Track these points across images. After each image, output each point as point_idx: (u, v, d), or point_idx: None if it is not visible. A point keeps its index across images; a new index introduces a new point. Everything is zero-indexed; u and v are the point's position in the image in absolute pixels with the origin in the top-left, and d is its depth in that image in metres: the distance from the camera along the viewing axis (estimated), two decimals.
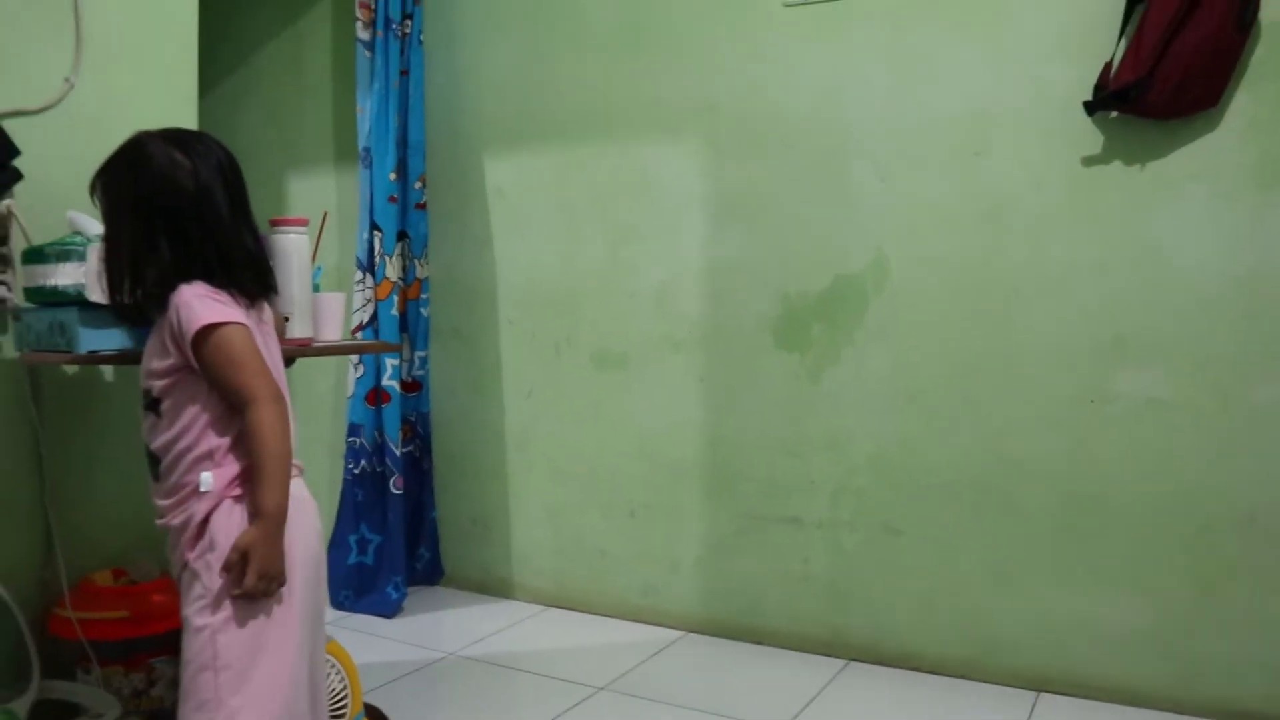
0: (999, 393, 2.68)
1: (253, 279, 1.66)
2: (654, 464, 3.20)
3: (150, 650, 2.20)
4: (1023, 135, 2.63)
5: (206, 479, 1.56)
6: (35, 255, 2.03)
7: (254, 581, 1.52)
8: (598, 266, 3.27)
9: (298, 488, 1.65)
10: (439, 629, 3.23)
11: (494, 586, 3.55)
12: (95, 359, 1.93)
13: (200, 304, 1.55)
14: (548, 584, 3.44)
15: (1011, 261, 2.65)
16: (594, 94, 3.26)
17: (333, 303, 2.17)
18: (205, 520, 1.57)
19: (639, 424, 3.22)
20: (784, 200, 2.95)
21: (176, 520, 1.59)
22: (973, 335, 2.71)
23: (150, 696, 2.21)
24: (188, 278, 1.58)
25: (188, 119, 2.55)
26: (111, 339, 1.93)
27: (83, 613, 2.15)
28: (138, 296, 1.62)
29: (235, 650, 1.55)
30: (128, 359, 1.90)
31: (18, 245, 2.16)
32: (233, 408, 1.58)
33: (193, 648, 1.56)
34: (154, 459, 1.64)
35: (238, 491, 1.58)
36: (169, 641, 2.22)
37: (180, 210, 1.58)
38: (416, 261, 3.46)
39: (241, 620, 1.55)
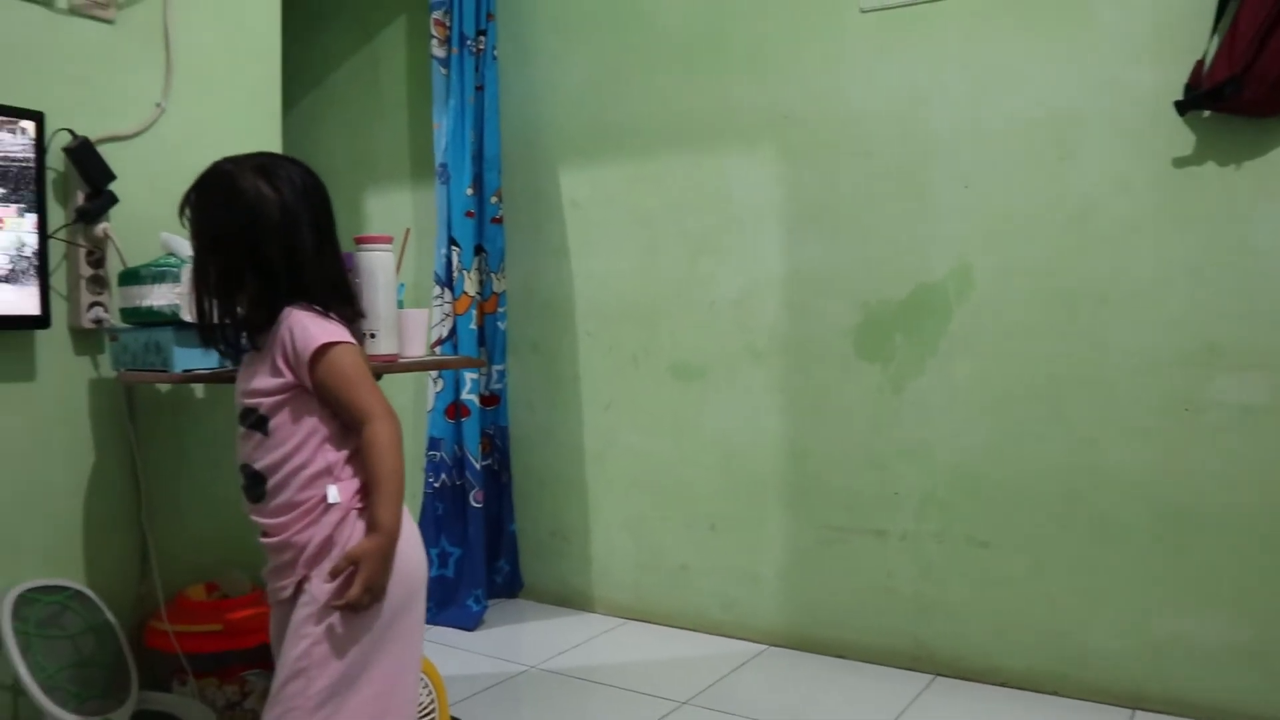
0: (1087, 402, 2.62)
1: (340, 305, 1.66)
2: (734, 476, 3.18)
3: (243, 663, 2.23)
4: (1108, 138, 2.57)
5: (334, 492, 1.58)
6: (131, 277, 2.08)
7: (358, 593, 1.52)
8: (675, 277, 3.26)
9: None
10: (519, 642, 3.24)
11: (573, 599, 3.55)
12: (190, 378, 1.97)
13: (314, 324, 1.57)
14: (627, 597, 3.43)
15: (1099, 267, 2.59)
16: (668, 105, 3.26)
17: (417, 319, 2.19)
18: (330, 534, 1.58)
19: (719, 436, 3.20)
20: (863, 209, 2.92)
21: (298, 536, 1.58)
22: (1060, 343, 2.65)
23: (243, 709, 2.24)
24: (283, 302, 1.60)
25: (272, 138, 2.60)
26: (206, 358, 1.97)
27: (178, 626, 2.19)
28: (224, 323, 1.64)
29: (333, 663, 1.55)
30: (222, 378, 1.93)
31: (114, 267, 2.21)
32: (346, 424, 1.60)
33: (291, 654, 1.57)
34: (256, 478, 1.63)
35: (359, 504, 1.60)
36: (261, 655, 2.25)
37: (267, 243, 1.59)
38: (493, 276, 3.48)
39: (346, 632, 1.56)
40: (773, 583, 3.13)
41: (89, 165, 2.13)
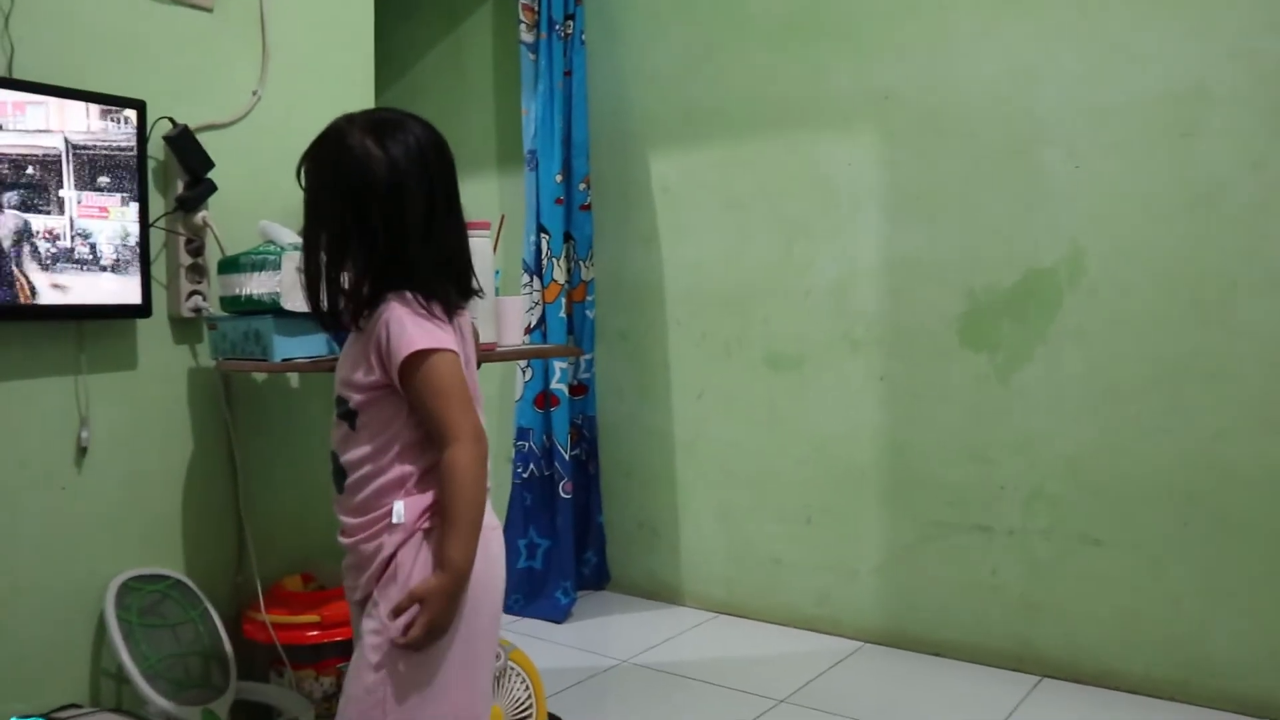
0: (1212, 394, 2.49)
1: (454, 284, 1.53)
2: (831, 468, 3.09)
3: (340, 655, 2.21)
4: (1237, 113, 2.43)
5: (399, 510, 1.46)
6: (230, 265, 2.06)
7: (420, 634, 1.41)
8: (769, 264, 3.18)
9: (486, 514, 1.53)
10: (608, 635, 3.19)
11: (662, 592, 3.50)
12: (290, 367, 1.94)
13: (414, 324, 1.43)
14: (718, 591, 3.37)
15: (1227, 251, 2.45)
16: (761, 86, 3.17)
17: (514, 306, 2.14)
18: (394, 554, 1.46)
19: (815, 427, 3.12)
20: (968, 192, 2.81)
21: (367, 546, 1.48)
22: (1182, 332, 2.52)
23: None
24: (389, 282, 1.47)
25: None
26: (305, 347, 1.94)
27: (276, 617, 2.17)
28: (335, 301, 1.50)
29: (406, 698, 1.45)
30: (321, 367, 1.90)
31: (213, 256, 2.20)
32: (432, 436, 1.48)
33: (360, 682, 1.47)
34: (341, 470, 1.53)
35: (428, 524, 1.47)
36: None
37: (372, 207, 1.44)
38: (581, 263, 3.43)
39: (410, 668, 1.45)
40: (870, 578, 3.04)
41: (188, 153, 2.12)
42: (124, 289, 2.01)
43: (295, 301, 1.90)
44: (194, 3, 2.21)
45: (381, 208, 1.45)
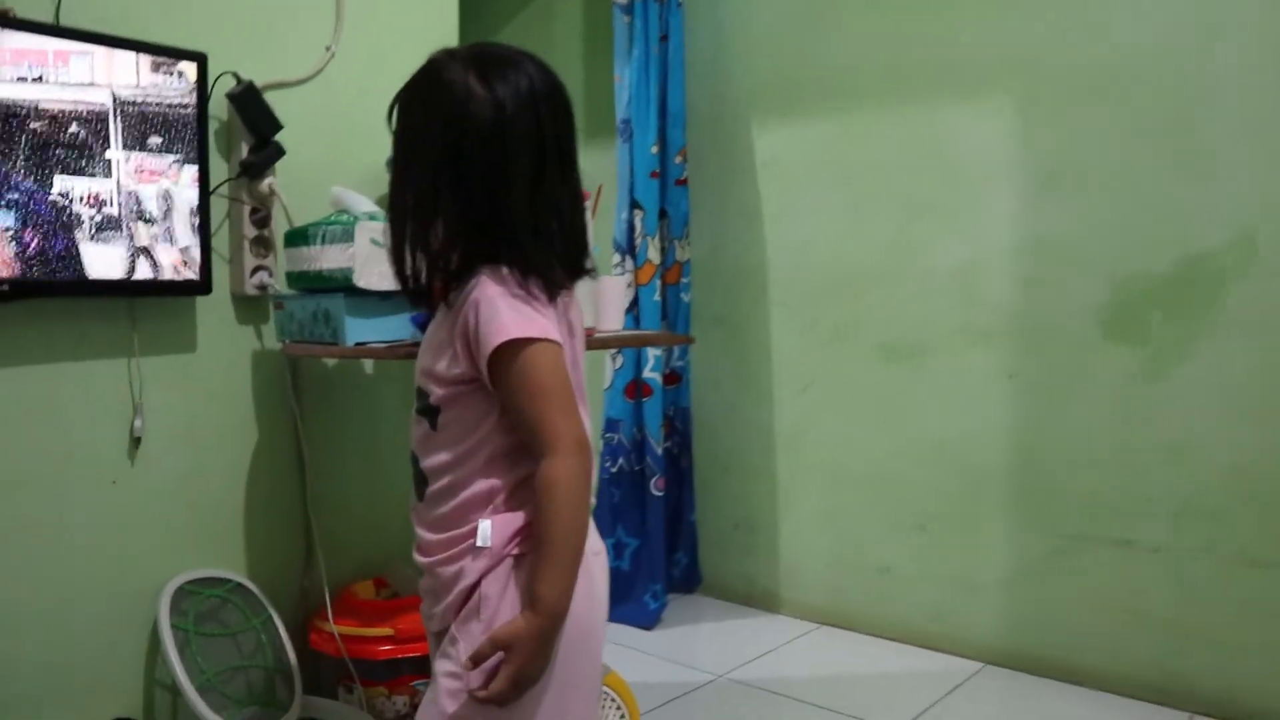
0: None
1: (565, 257, 1.27)
2: (950, 471, 2.80)
3: (414, 672, 2.00)
4: None
5: (485, 531, 1.22)
6: (298, 237, 1.85)
7: (504, 689, 1.16)
8: (885, 245, 2.89)
9: (589, 536, 1.25)
10: (702, 645, 2.95)
11: (757, 598, 3.24)
12: (364, 352, 1.72)
13: (507, 307, 1.17)
14: (820, 600, 3.10)
15: None
16: (879, 49, 2.87)
17: (615, 287, 1.91)
18: (477, 582, 1.22)
19: (933, 425, 2.83)
20: (1118, 166, 2.49)
21: (445, 570, 1.25)
22: None
23: None
24: (483, 250, 1.21)
25: None
26: (381, 329, 1.72)
27: (345, 627, 1.96)
28: (421, 270, 1.25)
29: None
30: (399, 353, 1.67)
31: (279, 227, 1.99)
32: (526, 443, 1.22)
33: None
34: (422, 476, 1.29)
35: (519, 550, 1.22)
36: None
37: (470, 156, 1.19)
38: (676, 243, 3.18)
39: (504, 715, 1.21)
40: (992, 593, 2.75)
41: (254, 113, 1.91)
42: (181, 263, 1.81)
43: (371, 278, 1.68)
44: None
45: (481, 157, 1.19)
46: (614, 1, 3.13)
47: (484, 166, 1.19)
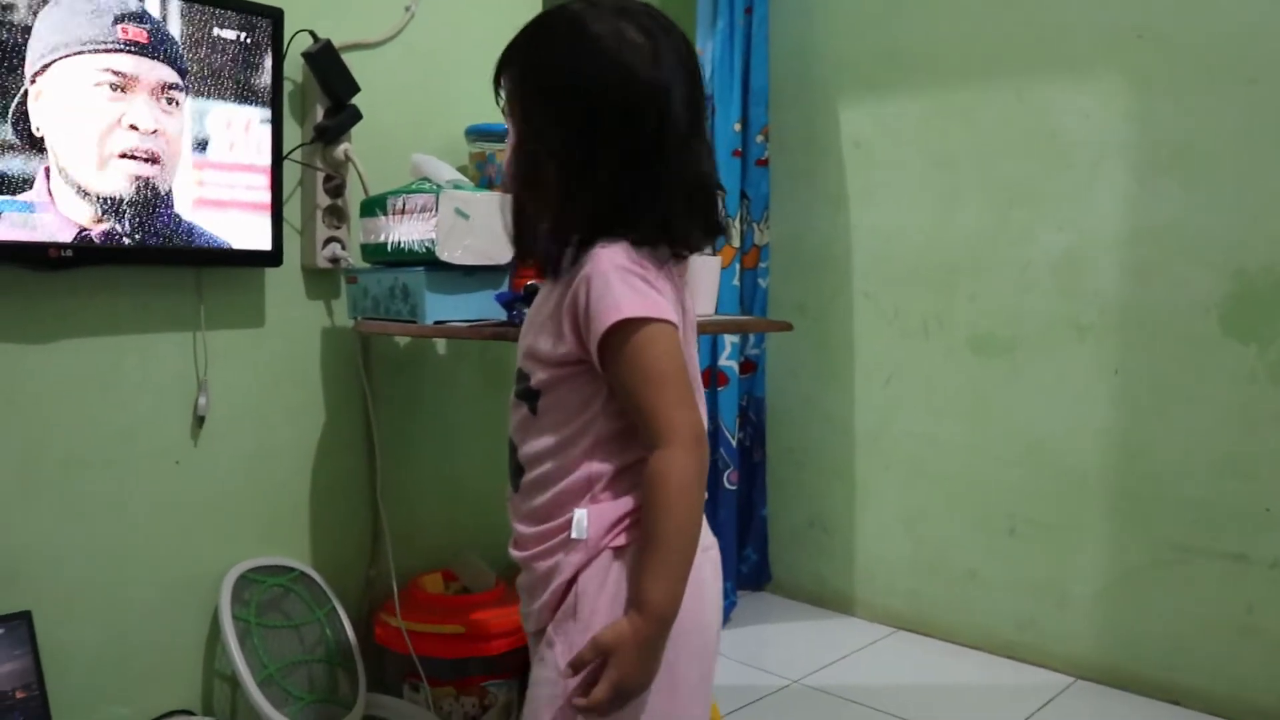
0: None
1: (700, 220, 1.15)
2: (1045, 473, 2.64)
3: (484, 672, 1.89)
4: None
5: (580, 522, 1.11)
6: (376, 205, 1.73)
7: (605, 696, 1.05)
8: (980, 232, 2.72)
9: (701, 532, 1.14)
10: (773, 646, 2.82)
11: (830, 600, 3.10)
12: (443, 331, 1.60)
13: (622, 282, 1.05)
14: (898, 604, 2.95)
15: None
16: (979, 24, 2.71)
17: (710, 268, 1.78)
18: (573, 578, 1.12)
19: (1027, 423, 2.66)
20: (1243, 150, 2.31)
21: (541, 565, 1.15)
22: None
23: None
24: (616, 221, 1.09)
25: None
26: (464, 307, 1.60)
27: (412, 623, 1.85)
28: (542, 240, 1.15)
29: None
30: (482, 333, 1.55)
31: (354, 196, 1.88)
32: (629, 429, 1.11)
33: None
34: (519, 465, 1.19)
35: (620, 541, 1.11)
36: (505, 664, 1.91)
37: (633, 111, 1.07)
38: (755, 226, 3.04)
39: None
40: (1086, 604, 2.59)
41: (331, 74, 1.80)
42: (251, 232, 1.70)
43: (455, 251, 1.56)
44: None
45: (636, 117, 1.08)
46: None
47: (639, 127, 1.07)
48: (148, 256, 1.61)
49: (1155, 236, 2.44)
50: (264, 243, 1.73)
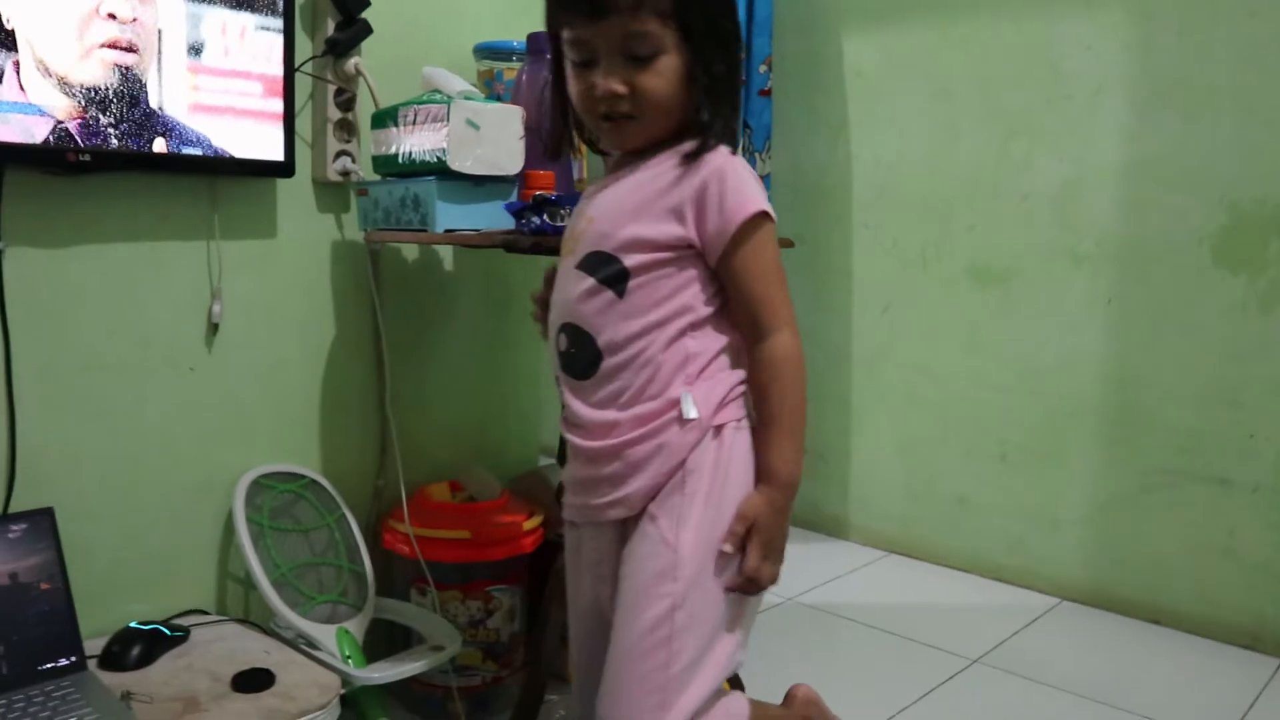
0: None
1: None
2: (1037, 400, 2.70)
3: (489, 577, 1.95)
4: None
5: (689, 403, 1.17)
6: (387, 117, 1.76)
7: (758, 565, 1.17)
8: (980, 163, 2.75)
9: None
10: None
11: (825, 524, 3.17)
12: (454, 239, 1.64)
13: (753, 179, 1.17)
14: (891, 528, 3.02)
15: None
16: None
17: None
18: (686, 460, 1.18)
19: (1022, 351, 2.71)
20: (1243, 82, 2.33)
21: (640, 449, 1.19)
22: None
23: (486, 628, 1.96)
24: (730, 132, 1.21)
25: None
26: (474, 216, 1.64)
27: (421, 529, 1.91)
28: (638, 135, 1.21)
29: (696, 632, 1.18)
30: (492, 240, 1.59)
31: (364, 110, 1.90)
32: (719, 313, 1.20)
33: (644, 618, 1.18)
34: (587, 345, 1.21)
35: (723, 420, 1.19)
36: (509, 569, 1.97)
37: (740, 41, 1.23)
38: (757, 155, 3.05)
39: (712, 595, 1.19)
40: (1075, 528, 2.66)
41: None
42: (254, 142, 1.73)
43: (465, 161, 1.60)
44: None
45: (737, 33, 1.23)
46: None
47: (737, 42, 1.22)
48: (167, 164, 1.64)
49: (1150, 168, 2.47)
50: (275, 153, 1.75)
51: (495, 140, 1.65)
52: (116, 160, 1.58)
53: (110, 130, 1.54)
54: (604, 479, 1.22)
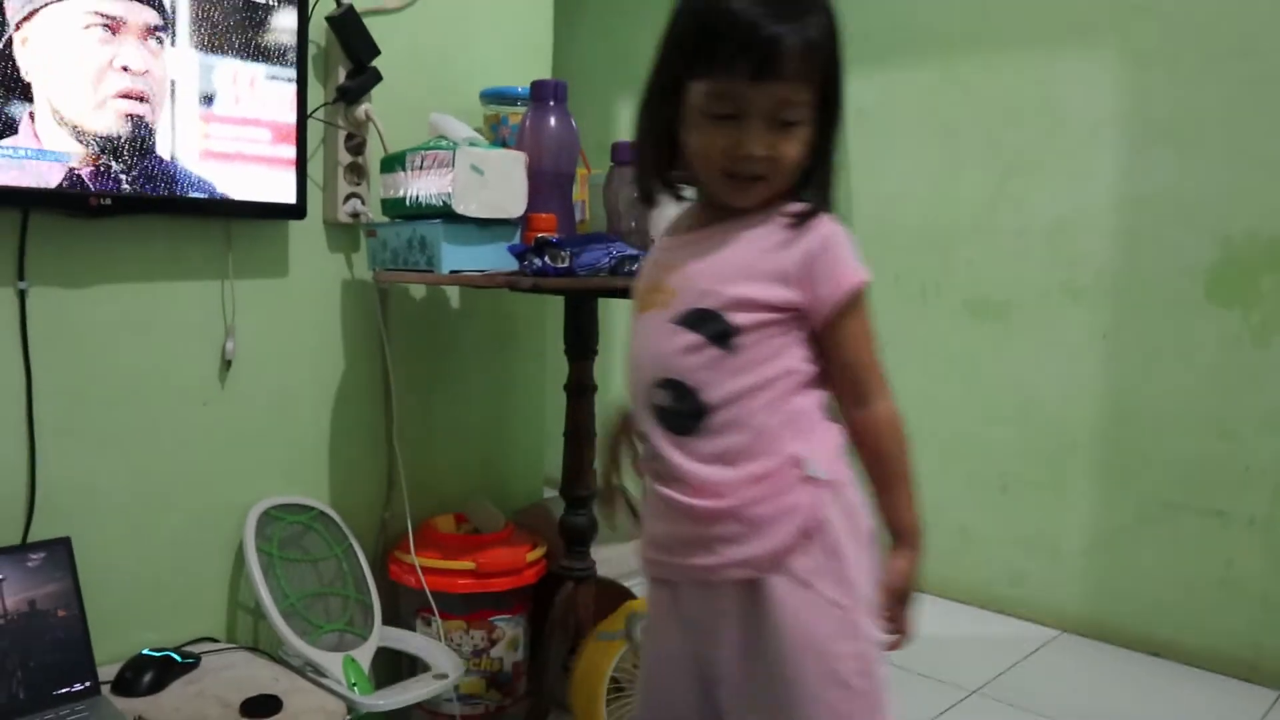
0: None
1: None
2: (1036, 433, 2.74)
3: (493, 607, 2.00)
4: None
5: (814, 461, 1.17)
6: (396, 162, 1.82)
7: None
8: (979, 199, 2.81)
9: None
10: None
11: None
12: (459, 280, 1.70)
13: (854, 249, 1.20)
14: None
15: None
16: None
17: None
18: (825, 517, 1.17)
19: (1021, 385, 2.76)
20: (1235, 121, 2.39)
21: (764, 508, 1.16)
22: None
23: (490, 657, 2.01)
24: (828, 201, 1.24)
25: (544, 19, 2.32)
26: (478, 258, 1.69)
27: (426, 560, 1.96)
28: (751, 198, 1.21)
29: (875, 688, 1.20)
30: (495, 281, 1.64)
31: (374, 154, 1.97)
32: (819, 372, 1.21)
33: (826, 669, 1.17)
34: (690, 400, 1.19)
35: (842, 474, 1.20)
36: (512, 599, 2.01)
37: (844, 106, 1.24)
38: None
39: (877, 651, 1.21)
40: (1075, 560, 2.69)
41: (353, 37, 1.88)
42: (266, 186, 1.79)
43: (470, 204, 1.66)
44: None
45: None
46: None
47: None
48: (182, 207, 1.71)
49: (1145, 204, 2.52)
50: (287, 196, 1.82)
51: (499, 184, 1.71)
52: (135, 204, 1.64)
53: (122, 176, 1.61)
54: (715, 538, 1.19)
